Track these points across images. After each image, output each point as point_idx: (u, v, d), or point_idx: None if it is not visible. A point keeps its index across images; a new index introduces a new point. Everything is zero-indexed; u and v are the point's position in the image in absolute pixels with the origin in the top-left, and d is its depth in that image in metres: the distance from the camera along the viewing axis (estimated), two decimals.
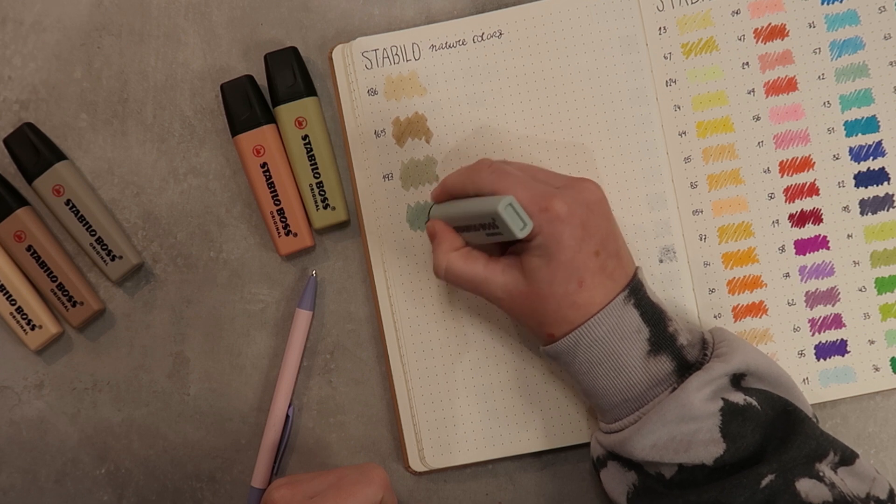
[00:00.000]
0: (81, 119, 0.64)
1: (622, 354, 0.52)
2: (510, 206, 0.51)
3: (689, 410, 0.51)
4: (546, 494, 0.62)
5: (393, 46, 0.62)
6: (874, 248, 0.60)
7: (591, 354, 0.53)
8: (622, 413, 0.53)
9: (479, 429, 0.61)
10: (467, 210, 0.54)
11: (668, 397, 0.51)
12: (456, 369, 0.61)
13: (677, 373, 0.53)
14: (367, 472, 0.51)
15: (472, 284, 0.55)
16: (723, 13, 0.61)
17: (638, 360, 0.52)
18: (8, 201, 0.62)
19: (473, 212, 0.54)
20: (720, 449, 0.50)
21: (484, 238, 0.54)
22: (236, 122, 0.62)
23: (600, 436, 0.55)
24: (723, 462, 0.50)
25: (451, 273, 0.55)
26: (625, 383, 0.53)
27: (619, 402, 0.53)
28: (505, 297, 0.54)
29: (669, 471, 0.52)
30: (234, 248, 0.64)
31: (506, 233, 0.51)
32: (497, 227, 0.51)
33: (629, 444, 0.52)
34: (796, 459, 0.50)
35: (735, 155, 0.61)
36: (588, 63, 0.61)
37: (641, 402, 0.53)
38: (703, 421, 0.51)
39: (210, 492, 0.63)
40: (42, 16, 0.64)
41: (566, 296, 0.52)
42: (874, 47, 0.60)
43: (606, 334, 0.52)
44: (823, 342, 0.60)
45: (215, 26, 0.64)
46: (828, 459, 0.51)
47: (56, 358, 0.64)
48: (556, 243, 0.51)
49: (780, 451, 0.50)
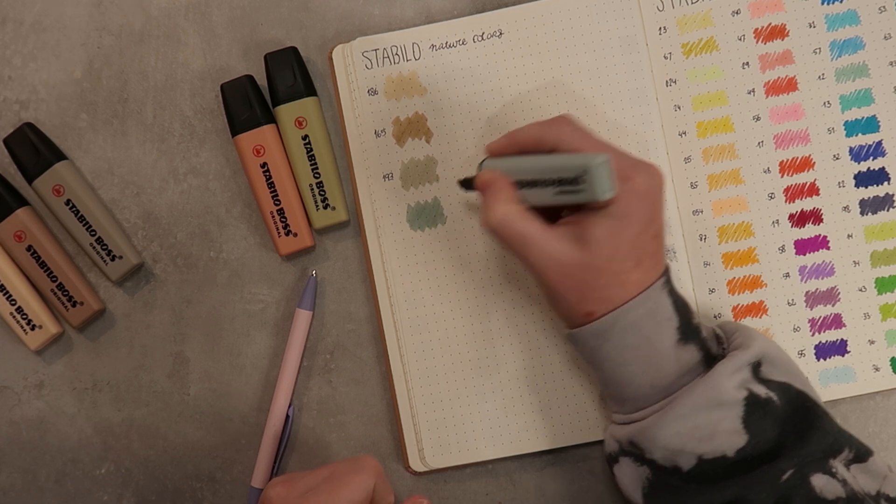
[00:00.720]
0: (81, 119, 0.64)
1: (655, 341, 0.51)
2: (605, 164, 0.49)
3: (719, 395, 0.50)
4: (546, 494, 0.62)
5: (393, 46, 0.62)
6: (874, 248, 0.60)
7: (625, 338, 0.51)
8: (648, 402, 0.52)
9: (479, 429, 0.61)
10: (546, 164, 0.52)
11: (696, 382, 0.51)
12: (456, 369, 0.61)
13: (704, 363, 0.52)
14: (358, 462, 0.51)
15: (522, 243, 0.52)
16: (723, 13, 0.61)
17: (669, 347, 0.52)
18: (8, 201, 0.62)
19: (554, 165, 0.51)
20: (742, 440, 0.50)
21: (550, 197, 0.52)
22: (236, 122, 0.61)
23: (616, 429, 0.54)
24: (744, 454, 0.50)
25: (506, 225, 0.52)
26: (655, 370, 0.52)
27: (647, 391, 0.52)
28: (553, 264, 0.51)
29: (688, 463, 0.51)
30: (234, 248, 0.64)
31: (588, 192, 0.49)
32: (576, 186, 0.49)
33: (651, 432, 0.51)
34: (814, 454, 0.50)
35: (735, 155, 0.61)
36: (588, 63, 0.61)
37: (670, 390, 0.52)
38: (728, 409, 0.50)
39: (210, 492, 0.63)
40: (42, 16, 0.64)
41: (619, 273, 0.51)
42: (874, 47, 0.60)
43: (642, 318, 0.51)
44: (823, 342, 0.60)
45: (215, 26, 0.64)
46: (842, 456, 0.51)
47: (56, 358, 0.64)
48: (628, 217, 0.51)
49: (799, 446, 0.50)
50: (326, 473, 0.51)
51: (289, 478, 0.51)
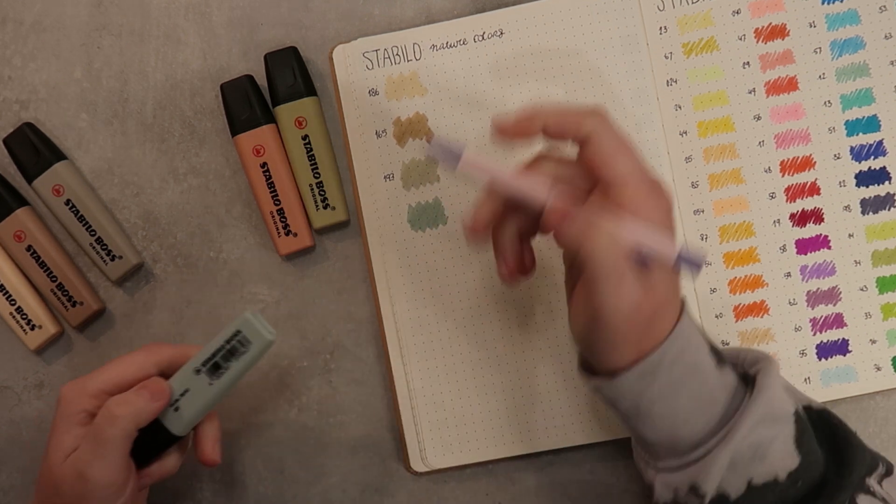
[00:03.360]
0: (81, 119, 0.64)
1: (699, 367, 0.48)
2: (254, 315, 0.52)
3: (774, 409, 0.47)
4: (546, 494, 0.62)
5: (394, 46, 0.62)
6: (875, 247, 0.60)
7: (674, 372, 0.47)
8: (705, 436, 0.48)
9: (480, 429, 0.61)
10: (207, 348, 0.53)
11: (752, 400, 0.47)
12: (457, 369, 0.61)
13: (742, 384, 0.49)
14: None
15: (619, 281, 0.45)
16: (723, 13, 0.61)
17: (712, 371, 0.48)
18: (8, 201, 0.62)
19: (211, 344, 0.52)
20: (795, 462, 0.47)
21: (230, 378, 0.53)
22: (236, 122, 0.61)
23: (669, 477, 0.49)
24: (796, 477, 0.47)
25: (614, 243, 0.45)
26: (708, 398, 0.48)
27: (702, 425, 0.48)
28: (630, 311, 0.46)
29: (737, 490, 0.47)
30: (234, 248, 0.63)
31: (254, 346, 0.52)
32: (242, 347, 0.52)
33: (716, 465, 0.46)
34: (860, 477, 0.48)
35: (736, 154, 0.61)
36: (589, 63, 0.61)
37: (726, 417, 0.47)
38: (783, 425, 0.47)
39: (210, 492, 0.63)
40: (42, 16, 0.64)
41: (668, 302, 0.47)
42: (875, 47, 0.60)
43: (685, 348, 0.47)
44: (825, 342, 0.60)
45: (215, 26, 0.64)
46: (877, 472, 0.49)
47: (56, 358, 0.64)
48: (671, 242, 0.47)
49: (846, 472, 0.47)
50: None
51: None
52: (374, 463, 0.63)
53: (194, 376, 0.53)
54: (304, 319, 0.63)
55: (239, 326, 0.52)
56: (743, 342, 0.60)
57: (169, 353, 0.54)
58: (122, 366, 0.53)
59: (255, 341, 0.52)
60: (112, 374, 0.52)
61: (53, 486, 0.51)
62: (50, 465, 0.51)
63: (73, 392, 0.52)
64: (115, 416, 0.50)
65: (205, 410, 0.53)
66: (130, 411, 0.51)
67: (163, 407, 0.52)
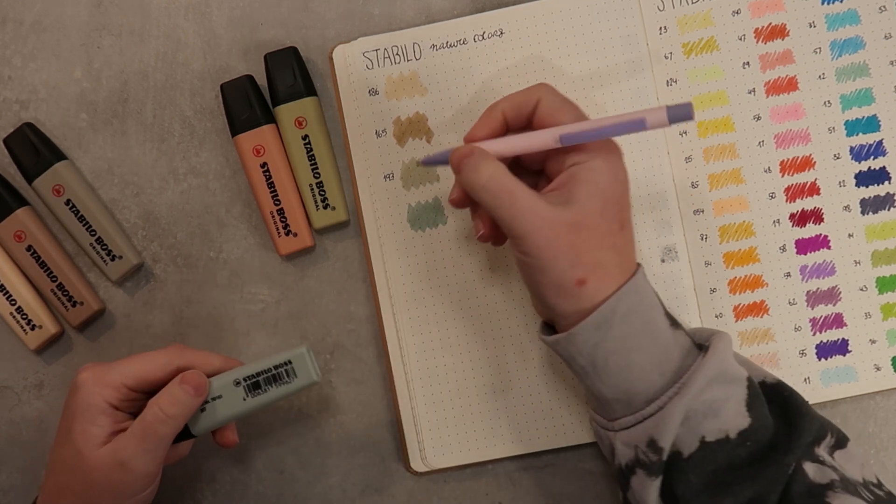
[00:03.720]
0: (81, 119, 0.64)
1: (654, 324, 0.50)
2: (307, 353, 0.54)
3: (728, 369, 0.50)
4: (546, 494, 0.62)
5: (394, 46, 0.62)
6: (875, 247, 0.60)
7: (627, 325, 0.49)
8: (659, 390, 0.50)
9: (480, 429, 0.61)
10: (257, 364, 0.55)
11: (706, 357, 0.50)
12: (457, 369, 0.61)
13: (695, 347, 0.51)
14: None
15: (511, 201, 0.49)
16: (723, 13, 0.61)
17: (667, 330, 0.51)
18: (8, 201, 0.62)
19: (263, 363, 0.54)
20: (745, 422, 0.49)
21: (275, 395, 0.54)
22: (236, 122, 0.61)
23: (628, 434, 0.51)
24: (746, 437, 0.49)
25: (495, 180, 0.50)
26: (661, 354, 0.50)
27: (656, 378, 0.50)
28: (542, 225, 0.49)
29: (689, 447, 0.49)
30: (234, 248, 0.63)
31: (300, 379, 0.54)
32: (288, 377, 0.54)
33: (673, 419, 0.49)
34: (808, 444, 0.50)
35: (736, 154, 0.61)
36: (589, 63, 0.61)
37: (679, 373, 0.50)
38: (736, 386, 0.50)
39: (210, 492, 0.63)
40: (42, 16, 0.64)
41: (609, 234, 0.49)
42: (874, 47, 0.60)
43: (638, 304, 0.50)
44: (825, 342, 0.60)
45: (215, 26, 0.64)
46: (825, 442, 0.51)
47: (56, 358, 0.64)
48: (614, 173, 0.50)
49: (795, 436, 0.49)
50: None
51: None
52: (374, 463, 0.63)
53: (232, 387, 0.54)
54: (304, 319, 0.63)
55: (292, 357, 0.54)
56: (743, 342, 0.60)
57: (191, 358, 0.55)
58: (146, 363, 0.54)
59: (301, 377, 0.54)
60: (135, 369, 0.53)
61: (81, 472, 0.52)
62: (80, 452, 0.52)
63: (93, 381, 0.53)
64: (169, 417, 0.52)
65: (227, 421, 0.55)
66: (182, 411, 0.52)
67: (202, 402, 0.54)
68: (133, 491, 0.53)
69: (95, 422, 0.52)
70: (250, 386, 0.54)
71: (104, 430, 0.52)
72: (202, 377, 0.54)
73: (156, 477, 0.54)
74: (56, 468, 0.53)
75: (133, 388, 0.53)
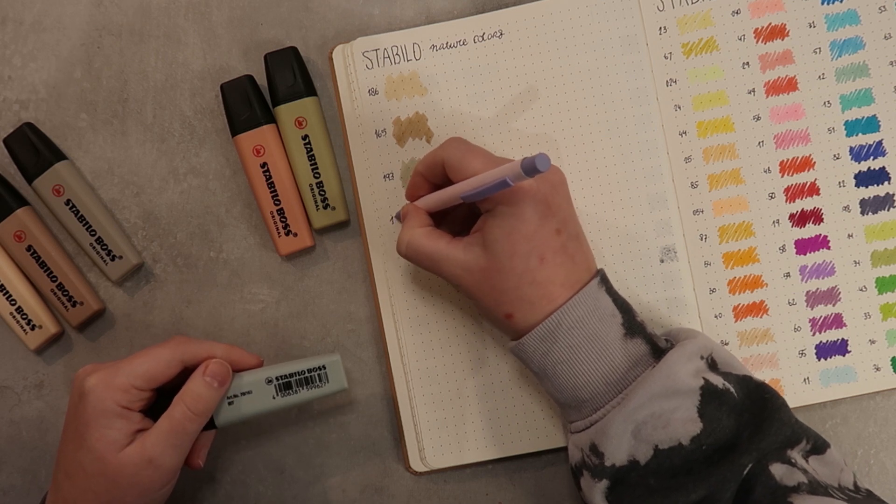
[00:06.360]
0: (81, 119, 0.64)
1: (602, 336, 0.52)
2: (338, 361, 0.56)
3: (674, 382, 0.51)
4: (546, 494, 0.62)
5: (394, 46, 0.62)
6: (875, 247, 0.60)
7: (573, 337, 0.52)
8: (604, 399, 0.52)
9: (480, 429, 0.61)
10: (290, 366, 0.56)
11: (652, 371, 0.51)
12: (457, 369, 0.61)
13: (653, 355, 0.53)
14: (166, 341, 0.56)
15: (431, 260, 0.55)
16: (723, 13, 0.61)
17: (617, 341, 0.52)
18: (8, 201, 0.62)
19: (295, 366, 0.56)
20: (697, 428, 0.50)
21: (303, 396, 0.56)
22: (236, 122, 0.61)
23: (577, 437, 0.54)
24: (699, 442, 0.50)
25: (413, 247, 0.55)
26: (607, 365, 0.52)
27: (602, 388, 0.52)
28: (464, 273, 0.53)
29: (645, 455, 0.51)
30: (234, 248, 0.64)
31: (331, 385, 0.56)
32: (319, 382, 0.56)
33: (611, 427, 0.51)
34: (772, 446, 0.50)
35: (735, 155, 0.61)
36: (589, 63, 0.61)
37: (624, 383, 0.52)
38: (684, 398, 0.51)
39: (210, 492, 0.63)
40: (42, 16, 0.64)
41: (526, 272, 0.52)
42: (874, 47, 0.60)
43: (586, 315, 0.52)
44: (824, 342, 0.60)
45: (215, 26, 0.64)
46: (800, 447, 0.51)
47: (56, 358, 0.64)
48: (519, 216, 0.52)
49: (758, 438, 0.50)
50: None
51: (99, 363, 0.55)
52: (374, 463, 0.63)
53: (264, 384, 0.55)
54: (304, 319, 0.63)
55: (326, 363, 0.56)
56: (742, 342, 0.60)
57: (194, 349, 0.55)
58: (150, 361, 0.54)
59: (333, 382, 0.56)
60: (140, 368, 0.53)
61: (104, 475, 0.52)
62: (101, 457, 0.52)
63: (102, 386, 0.53)
64: (198, 414, 0.53)
65: (252, 417, 0.56)
66: (207, 406, 0.54)
67: (224, 392, 0.55)
68: (160, 485, 0.53)
69: (112, 426, 0.52)
70: (281, 385, 0.55)
71: (122, 433, 0.53)
72: (225, 367, 0.55)
73: (179, 471, 0.55)
74: (74, 473, 0.53)
75: (141, 388, 0.53)
